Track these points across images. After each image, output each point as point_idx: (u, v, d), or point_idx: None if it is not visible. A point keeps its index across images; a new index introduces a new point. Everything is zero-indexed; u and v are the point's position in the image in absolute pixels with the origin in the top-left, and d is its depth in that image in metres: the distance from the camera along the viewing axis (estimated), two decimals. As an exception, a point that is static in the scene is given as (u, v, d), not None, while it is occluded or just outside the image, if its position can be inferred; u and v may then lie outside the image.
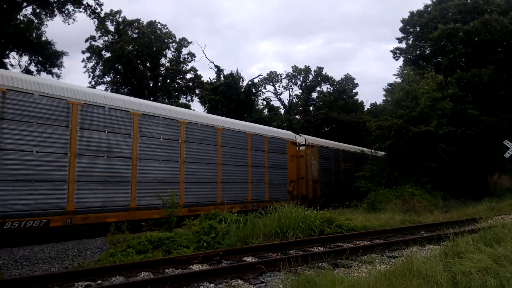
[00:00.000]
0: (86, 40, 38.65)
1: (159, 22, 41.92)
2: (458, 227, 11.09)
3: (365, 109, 53.84)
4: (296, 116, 53.32)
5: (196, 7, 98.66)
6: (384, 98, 25.25)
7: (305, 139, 22.12)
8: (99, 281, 6.44)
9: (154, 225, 11.47)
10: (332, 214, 12.93)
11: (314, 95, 58.20)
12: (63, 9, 30.79)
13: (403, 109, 21.28)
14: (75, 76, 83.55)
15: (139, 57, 38.76)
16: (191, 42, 43.52)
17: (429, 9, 30.53)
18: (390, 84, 25.37)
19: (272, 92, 57.61)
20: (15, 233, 10.29)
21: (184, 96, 43.58)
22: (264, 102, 47.71)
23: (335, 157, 25.22)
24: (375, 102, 49.53)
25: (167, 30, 42.26)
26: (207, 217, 11.29)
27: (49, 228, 10.56)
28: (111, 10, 38.46)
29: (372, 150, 25.06)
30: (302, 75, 57.80)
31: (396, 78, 25.03)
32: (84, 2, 31.44)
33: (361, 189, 22.27)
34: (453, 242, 7.14)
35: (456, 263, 5.84)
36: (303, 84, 57.86)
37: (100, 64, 39.45)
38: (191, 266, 7.53)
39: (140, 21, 40.11)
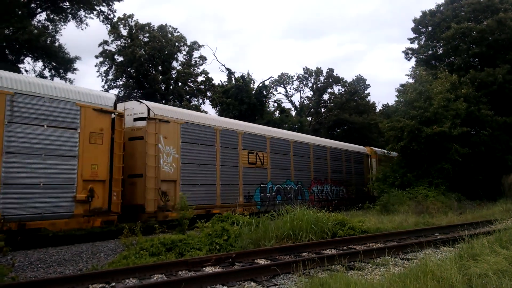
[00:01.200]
0: (100, 45, 39.05)
1: (170, 26, 42.24)
2: (473, 229, 10.93)
3: (377, 110, 53.54)
4: (308, 118, 53.18)
5: (208, 12, 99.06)
6: (396, 99, 25.09)
7: (149, 108, 13.74)
8: (113, 283, 6.49)
9: (167, 228, 11.57)
10: (344, 216, 12.87)
11: (326, 96, 58.02)
12: (76, 15, 31.18)
13: (416, 109, 21.12)
14: (89, 81, 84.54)
15: (151, 61, 39.01)
16: (202, 45, 43.68)
17: (442, 8, 30.22)
18: (402, 85, 25.24)
19: (283, 94, 57.54)
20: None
21: (195, 99, 43.80)
22: (275, 104, 47.72)
23: (226, 142, 16.61)
24: (387, 103, 49.25)
25: (178, 33, 42.54)
26: (219, 220, 11.33)
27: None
28: (124, 15, 38.82)
29: (385, 151, 24.89)
30: (313, 76, 57.64)
31: (409, 78, 24.95)
32: (98, 9, 31.79)
33: (373, 191, 22.10)
34: (468, 244, 7.04)
35: (472, 265, 5.76)
36: (314, 86, 57.70)
37: (113, 68, 39.83)
38: (204, 268, 7.54)
39: (151, 25, 40.44)
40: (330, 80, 56.84)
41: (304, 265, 6.91)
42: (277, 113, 44.13)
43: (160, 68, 40.31)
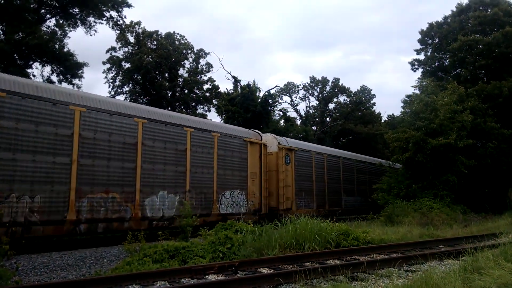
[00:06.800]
0: (107, 51, 39.41)
1: (178, 34, 42.55)
2: (478, 242, 10.86)
3: (383, 120, 53.45)
4: (313, 127, 53.16)
5: (221, 24, 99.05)
6: (402, 109, 25.06)
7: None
8: (116, 289, 6.50)
9: (170, 235, 11.57)
10: (348, 226, 12.81)
11: (331, 106, 58.05)
12: (86, 21, 31.50)
13: (422, 121, 21.07)
14: (97, 87, 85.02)
15: (157, 68, 39.30)
16: (209, 53, 43.93)
17: (449, 20, 30.31)
18: (408, 96, 25.23)
19: (288, 103, 57.58)
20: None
21: (201, 107, 43.98)
22: (281, 113, 47.75)
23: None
24: (392, 114, 49.21)
25: (185, 41, 42.84)
26: (223, 227, 11.33)
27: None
28: (131, 22, 39.17)
29: (390, 162, 24.79)
30: (319, 86, 57.71)
31: (415, 89, 24.88)
32: (107, 15, 32.13)
33: (378, 202, 21.94)
34: (473, 257, 7.00)
35: (476, 278, 5.73)
36: (320, 95, 57.75)
37: (120, 75, 40.11)
38: (207, 276, 7.53)
39: (159, 33, 40.77)
40: (336, 90, 56.90)
41: (307, 275, 6.89)
42: (282, 121, 44.13)
43: (166, 75, 40.59)
